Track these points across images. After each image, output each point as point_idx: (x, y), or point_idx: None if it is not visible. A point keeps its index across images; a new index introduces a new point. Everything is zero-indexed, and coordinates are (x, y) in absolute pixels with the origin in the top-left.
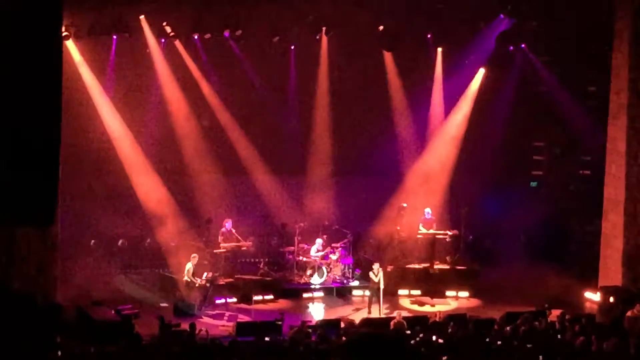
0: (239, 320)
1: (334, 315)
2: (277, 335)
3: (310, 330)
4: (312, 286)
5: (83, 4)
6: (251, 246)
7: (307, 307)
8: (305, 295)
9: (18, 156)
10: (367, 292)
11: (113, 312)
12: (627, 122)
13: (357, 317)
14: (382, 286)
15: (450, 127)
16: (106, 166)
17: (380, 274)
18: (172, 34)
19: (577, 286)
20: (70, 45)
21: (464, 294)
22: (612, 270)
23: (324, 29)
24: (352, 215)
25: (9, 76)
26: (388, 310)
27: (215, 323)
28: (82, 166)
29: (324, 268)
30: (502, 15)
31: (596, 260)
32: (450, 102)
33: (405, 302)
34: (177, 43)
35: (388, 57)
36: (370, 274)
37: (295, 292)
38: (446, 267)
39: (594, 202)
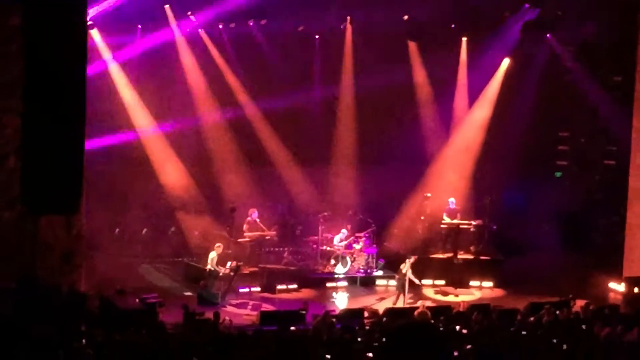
0: (262, 309)
1: (357, 304)
2: (301, 325)
3: (333, 319)
4: (336, 276)
5: None
6: (275, 235)
7: (331, 297)
8: (328, 284)
9: (43, 146)
10: (392, 282)
11: (137, 300)
12: None
13: (381, 307)
14: (407, 278)
15: (475, 116)
16: (131, 155)
17: (408, 265)
18: (197, 23)
19: (601, 277)
20: (94, 34)
21: (488, 284)
22: (636, 260)
23: (348, 18)
24: (376, 204)
25: (35, 66)
26: (412, 300)
27: (239, 312)
28: (108, 155)
29: (347, 257)
30: (527, 5)
31: (621, 250)
32: (475, 92)
33: (429, 292)
34: (202, 32)
35: (413, 46)
36: (402, 265)
37: (319, 282)
38: (470, 257)
39: (619, 192)
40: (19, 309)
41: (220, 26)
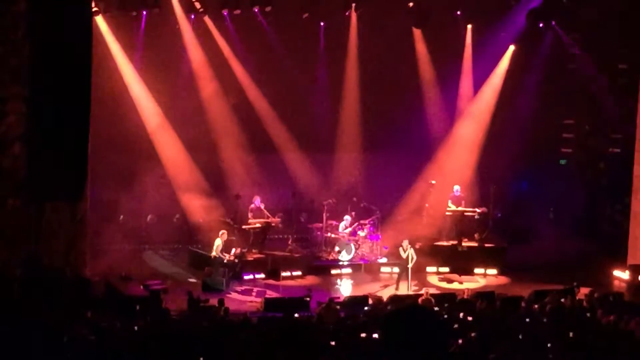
0: (267, 296)
1: (361, 291)
2: (305, 312)
3: (338, 306)
4: (340, 263)
5: None
6: (280, 222)
7: (335, 284)
8: (333, 271)
9: (48, 133)
10: (396, 269)
11: (142, 287)
12: None
13: (385, 294)
14: (410, 263)
15: (480, 104)
16: (135, 142)
17: (410, 251)
18: (201, 9)
19: (605, 264)
20: (99, 20)
21: (492, 271)
22: None
23: (353, 5)
24: (381, 192)
25: (40, 52)
26: (417, 287)
27: (244, 299)
28: (112, 142)
29: (352, 245)
30: None
31: (625, 238)
32: (480, 79)
33: (433, 279)
34: (207, 19)
35: (418, 33)
36: (400, 250)
37: (323, 269)
38: (474, 244)
39: (624, 180)
40: (24, 295)
41: (225, 12)
